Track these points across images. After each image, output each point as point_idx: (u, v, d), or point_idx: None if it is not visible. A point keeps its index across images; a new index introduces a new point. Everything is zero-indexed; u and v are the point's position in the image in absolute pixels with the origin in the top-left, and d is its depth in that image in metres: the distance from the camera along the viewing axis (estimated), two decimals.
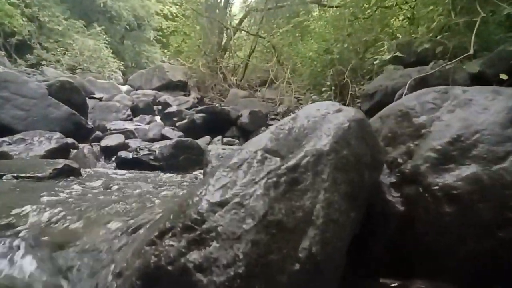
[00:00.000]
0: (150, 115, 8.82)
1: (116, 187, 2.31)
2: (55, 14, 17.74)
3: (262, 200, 1.00)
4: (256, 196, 1.01)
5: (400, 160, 1.63)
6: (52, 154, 3.30)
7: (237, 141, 5.72)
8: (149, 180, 2.77)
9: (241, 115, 8.52)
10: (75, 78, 10.94)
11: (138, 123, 7.53)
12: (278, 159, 1.13)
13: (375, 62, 5.93)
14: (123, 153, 3.62)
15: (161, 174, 3.38)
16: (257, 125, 8.33)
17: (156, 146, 3.69)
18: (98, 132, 5.09)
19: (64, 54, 16.90)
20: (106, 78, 15.88)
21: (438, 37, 5.49)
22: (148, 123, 8.38)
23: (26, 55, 16.66)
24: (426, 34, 5.43)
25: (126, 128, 6.97)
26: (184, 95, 12.50)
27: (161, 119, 8.97)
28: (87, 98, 9.10)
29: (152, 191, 2.24)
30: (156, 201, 1.84)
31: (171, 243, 1.00)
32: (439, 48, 4.67)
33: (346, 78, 8.43)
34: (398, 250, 1.59)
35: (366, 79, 8.37)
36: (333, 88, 8.71)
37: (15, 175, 2.38)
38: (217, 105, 10.67)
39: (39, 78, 8.10)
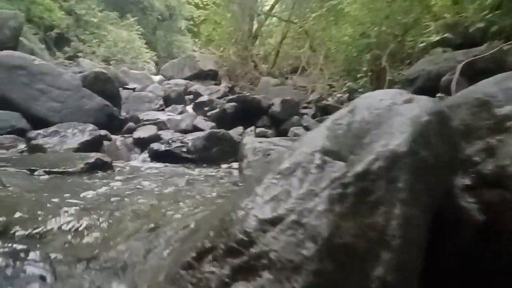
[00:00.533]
0: (182, 105, 8.73)
1: (148, 183, 2.16)
2: (91, 7, 18.02)
3: (325, 217, 0.78)
4: (317, 213, 0.79)
5: (477, 159, 1.35)
6: (85, 146, 3.22)
7: (270, 131, 5.49)
8: (182, 174, 2.62)
9: (273, 104, 8.24)
10: (109, 69, 11.04)
11: (170, 113, 7.45)
12: (341, 163, 0.90)
13: (420, 45, 5.47)
14: (155, 145, 3.49)
15: (194, 167, 3.23)
16: (289, 114, 8.04)
17: (189, 138, 3.54)
18: (131, 123, 5.02)
19: (99, 45, 17.19)
20: (139, 68, 16.04)
21: (488, 16, 4.98)
22: (179, 113, 8.30)
23: (64, 48, 17.08)
24: (476, 13, 4.93)
25: (158, 118, 6.90)
26: (215, 84, 12.37)
27: (192, 109, 8.87)
28: (120, 88, 9.17)
29: (186, 188, 2.07)
30: (192, 201, 1.66)
31: (212, 268, 0.80)
32: (494, 27, 4.21)
33: (383, 63, 7.98)
34: (474, 266, 1.33)
35: (405, 64, 7.86)
36: (369, 73, 8.27)
37: (46, 170, 2.29)
38: (248, 94, 10.46)
39: (75, 69, 8.17)
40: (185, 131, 4.56)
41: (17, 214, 1.40)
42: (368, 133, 1.07)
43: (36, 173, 2.21)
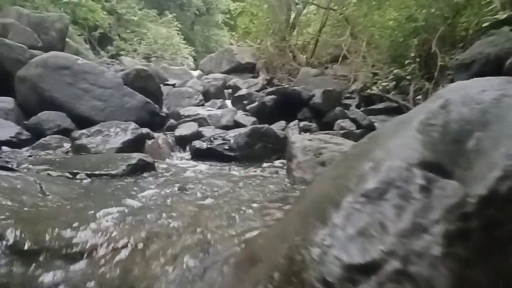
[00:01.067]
0: (221, 100, 8.64)
1: (192, 186, 2.00)
2: (131, 5, 18.39)
3: (444, 265, 0.54)
4: (431, 258, 0.55)
5: None
6: (128, 145, 3.15)
7: (314, 124, 5.19)
8: (226, 175, 2.45)
9: (314, 95, 7.92)
10: (150, 66, 11.18)
11: (210, 108, 7.36)
12: (453, 183, 0.65)
13: (483, 25, 4.94)
14: (197, 143, 3.36)
15: (237, 165, 3.04)
16: (331, 105, 7.68)
17: (231, 134, 3.36)
18: (172, 121, 4.95)
19: (140, 43, 17.54)
20: (178, 64, 16.20)
21: None
22: (219, 108, 8.21)
23: (108, 47, 17.62)
24: None
25: (198, 114, 6.82)
26: (253, 77, 12.19)
27: (231, 103, 8.76)
28: (161, 85, 9.23)
29: (232, 192, 1.89)
30: (242, 209, 1.47)
31: None
32: None
33: (433, 48, 7.39)
34: None
35: (457, 48, 7.22)
36: (417, 59, 7.71)
37: (88, 172, 2.19)
38: (287, 85, 10.17)
39: (117, 68, 8.29)
40: (226, 127, 4.39)
41: (56, 228, 1.27)
42: (471, 136, 0.81)
43: (78, 176, 2.13)
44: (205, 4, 21.30)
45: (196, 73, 13.47)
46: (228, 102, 8.75)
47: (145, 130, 3.62)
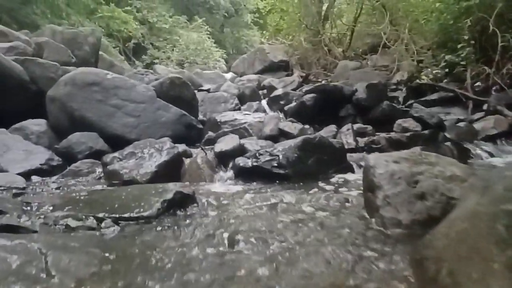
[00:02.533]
0: (257, 102, 8.14)
1: (242, 222, 1.51)
2: (162, 14, 18.32)
3: None
4: None
5: None
6: (164, 168, 2.71)
7: (370, 127, 4.51)
8: (281, 206, 1.92)
9: (356, 90, 7.22)
10: (183, 73, 10.87)
11: (247, 112, 6.87)
12: None
13: None
14: (240, 161, 2.84)
15: (290, 186, 2.51)
16: (377, 100, 6.94)
17: (279, 148, 2.80)
18: (210, 133, 4.46)
19: (173, 50, 17.40)
20: (211, 68, 15.89)
21: None
22: (255, 111, 7.72)
23: (142, 56, 17.62)
24: None
25: (236, 119, 6.36)
26: (287, 75, 11.58)
27: (267, 104, 8.25)
28: (196, 91, 8.87)
29: (292, 228, 1.38)
30: (311, 260, 0.93)
31: None
32: None
33: (491, 27, 6.45)
34: None
35: None
36: (472, 42, 6.79)
37: (116, 216, 1.74)
38: (325, 82, 9.49)
39: (151, 77, 8.00)
40: (271, 138, 3.83)
41: None
42: None
43: (103, 224, 1.69)
44: (233, 5, 20.88)
45: (229, 75, 13.07)
46: (264, 103, 8.24)
47: (181, 147, 3.17)
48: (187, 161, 2.99)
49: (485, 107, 5.70)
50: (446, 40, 7.67)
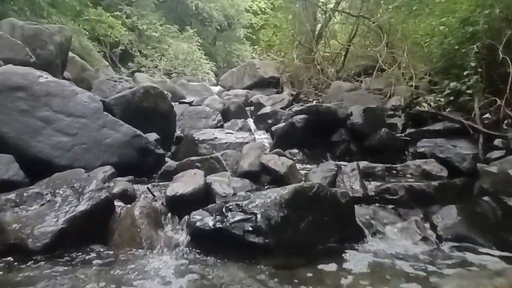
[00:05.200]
0: (242, 119, 7.27)
1: None
2: (152, 22, 17.49)
3: None
4: None
5: None
6: (79, 225, 1.75)
7: (380, 166, 3.50)
8: None
9: (351, 114, 6.40)
10: (165, 83, 9.95)
11: (229, 131, 5.99)
12: None
13: None
14: (198, 217, 1.84)
15: (270, 272, 1.57)
16: (373, 126, 6.13)
17: (257, 202, 1.85)
18: (169, 162, 3.42)
19: (161, 59, 16.51)
20: (199, 80, 15.04)
21: None
22: (240, 129, 6.84)
23: (128, 63, 16.66)
24: None
25: (217, 139, 5.51)
26: (277, 92, 10.77)
27: (254, 122, 7.40)
28: (177, 103, 7.93)
29: None
30: None
31: None
32: None
33: (500, 55, 5.73)
34: None
35: None
36: (479, 70, 6.04)
37: None
38: (316, 101, 8.67)
39: (125, 85, 7.03)
40: (249, 175, 2.82)
41: None
42: None
43: None
44: (227, 19, 20.17)
45: (216, 89, 12.22)
46: (251, 122, 7.39)
47: (120, 186, 2.21)
48: (123, 209, 2.02)
49: (496, 142, 4.87)
50: (449, 66, 6.92)
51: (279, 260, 1.70)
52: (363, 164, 3.18)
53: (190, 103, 8.08)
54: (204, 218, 1.91)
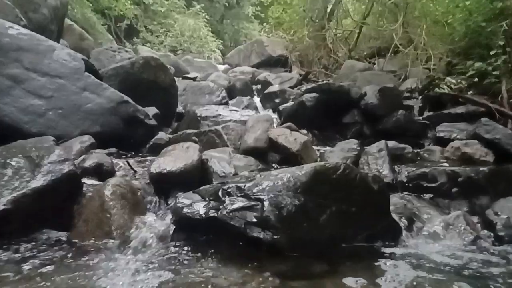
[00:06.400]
0: (249, 97, 6.79)
1: None
2: None
3: None
4: None
5: None
6: (30, 205, 1.32)
7: (409, 147, 2.92)
8: None
9: (365, 94, 5.88)
10: (169, 57, 9.42)
11: (234, 108, 5.53)
12: None
13: None
14: (186, 201, 1.38)
15: (279, 270, 1.12)
16: (389, 108, 5.62)
17: (264, 185, 1.46)
18: (160, 135, 2.93)
19: (166, 35, 15.87)
20: (205, 57, 14.46)
21: None
22: (246, 107, 6.38)
23: (134, 39, 16.06)
24: None
25: (220, 116, 5.10)
26: (285, 72, 10.22)
27: (260, 101, 6.92)
28: (180, 78, 7.46)
29: None
30: None
31: None
32: None
33: None
34: None
35: None
36: (507, 49, 5.48)
37: None
38: (331, 81, 8.11)
39: (125, 55, 6.54)
40: (255, 152, 2.34)
41: None
42: None
43: None
44: None
45: (222, 67, 11.67)
46: (257, 100, 6.92)
47: (93, 160, 1.76)
48: (91, 190, 1.58)
49: None
50: (473, 46, 6.32)
51: (292, 265, 1.25)
52: (391, 143, 2.64)
53: (193, 79, 7.59)
54: (194, 204, 1.46)
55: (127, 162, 1.99)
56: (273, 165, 2.21)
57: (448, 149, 2.34)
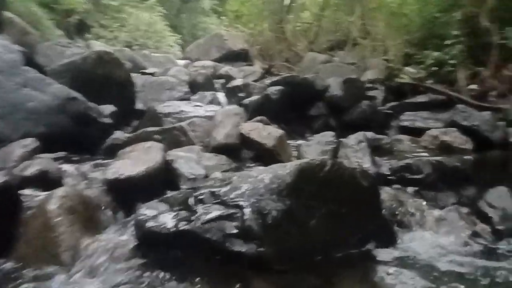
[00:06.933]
0: (212, 92, 6.51)
1: None
2: None
3: None
4: None
5: None
6: None
7: (386, 138, 2.75)
8: None
9: (329, 86, 5.84)
10: (124, 51, 8.86)
11: (198, 104, 5.23)
12: None
13: None
14: (150, 213, 1.13)
15: None
16: (353, 99, 5.62)
17: (243, 189, 1.22)
18: (117, 134, 2.55)
19: (121, 30, 15.03)
20: (163, 52, 13.86)
21: None
22: (210, 102, 6.09)
23: (85, 35, 15.07)
24: None
25: (183, 112, 4.85)
26: (247, 66, 10.00)
27: (224, 95, 6.66)
28: (137, 74, 7.01)
29: None
30: None
31: None
32: None
33: (483, 23, 5.33)
34: None
35: None
36: (461, 39, 5.65)
37: None
38: (296, 74, 8.01)
39: (75, 50, 6.00)
40: (225, 149, 2.07)
41: None
42: None
43: None
44: None
45: (182, 62, 11.21)
46: (221, 95, 6.64)
47: (36, 167, 1.45)
48: (34, 203, 1.29)
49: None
50: (429, 36, 6.48)
51: (281, 282, 1.05)
52: (369, 134, 2.52)
53: (152, 74, 7.17)
54: (160, 215, 1.20)
55: (78, 168, 1.67)
56: (247, 163, 2.01)
57: (426, 138, 2.26)
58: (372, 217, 1.43)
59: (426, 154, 2.14)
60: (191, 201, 1.25)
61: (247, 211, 1.14)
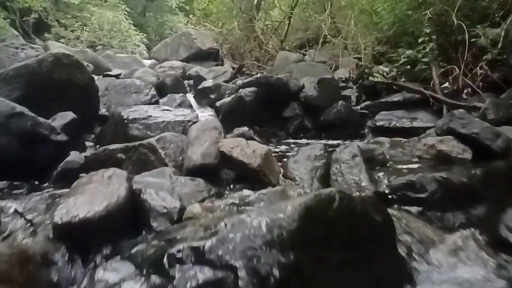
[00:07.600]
0: (181, 94, 6.13)
1: None
2: None
3: None
4: None
5: None
6: None
7: (379, 149, 2.43)
8: None
9: (303, 86, 5.66)
10: (86, 53, 8.24)
11: (166, 108, 4.86)
12: None
13: None
14: (110, 280, 0.88)
15: None
16: (329, 99, 5.46)
17: (237, 240, 0.91)
18: (73, 155, 2.07)
19: (83, 29, 14.14)
20: (129, 52, 13.16)
21: None
22: (179, 105, 5.73)
23: (45, 34, 14.06)
24: None
25: (151, 118, 4.54)
26: (217, 65, 9.63)
27: (194, 97, 6.31)
28: (101, 76, 6.48)
29: None
30: None
31: None
32: None
33: (455, 21, 5.29)
34: None
35: (489, 21, 5.17)
36: (433, 37, 5.60)
37: None
38: (260, 74, 7.74)
39: (30, 53, 5.43)
40: (203, 171, 1.70)
41: None
42: None
43: None
44: None
45: (149, 62, 10.66)
46: (191, 97, 6.29)
47: None
48: None
49: None
50: (400, 34, 6.40)
51: None
52: (361, 144, 2.23)
53: (117, 76, 6.64)
54: (123, 283, 0.88)
55: (16, 210, 1.30)
56: (229, 186, 1.71)
57: (421, 147, 2.07)
58: (387, 255, 1.17)
59: (421, 164, 1.93)
60: (165, 261, 0.93)
61: (242, 273, 0.83)
